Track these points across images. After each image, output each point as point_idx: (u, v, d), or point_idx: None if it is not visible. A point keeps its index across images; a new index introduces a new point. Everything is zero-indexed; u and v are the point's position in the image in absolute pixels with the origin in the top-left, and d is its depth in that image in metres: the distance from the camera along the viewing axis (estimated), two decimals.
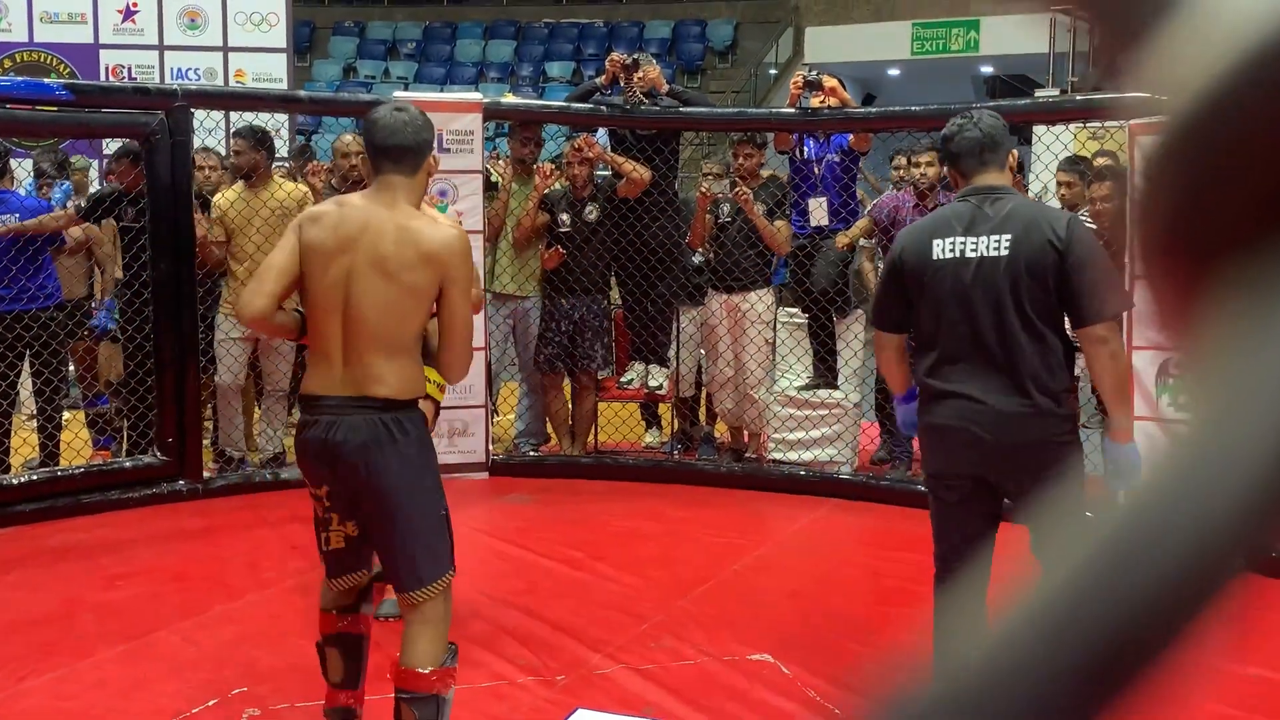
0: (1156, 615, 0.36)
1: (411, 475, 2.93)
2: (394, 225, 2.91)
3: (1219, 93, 0.38)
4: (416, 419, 2.99)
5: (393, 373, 2.90)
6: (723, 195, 6.49)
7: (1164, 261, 0.41)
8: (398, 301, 2.89)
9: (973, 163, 3.33)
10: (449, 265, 2.90)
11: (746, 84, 18.68)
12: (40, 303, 6.15)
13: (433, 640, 2.96)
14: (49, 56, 10.15)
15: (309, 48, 19.84)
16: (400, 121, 2.97)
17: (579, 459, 6.73)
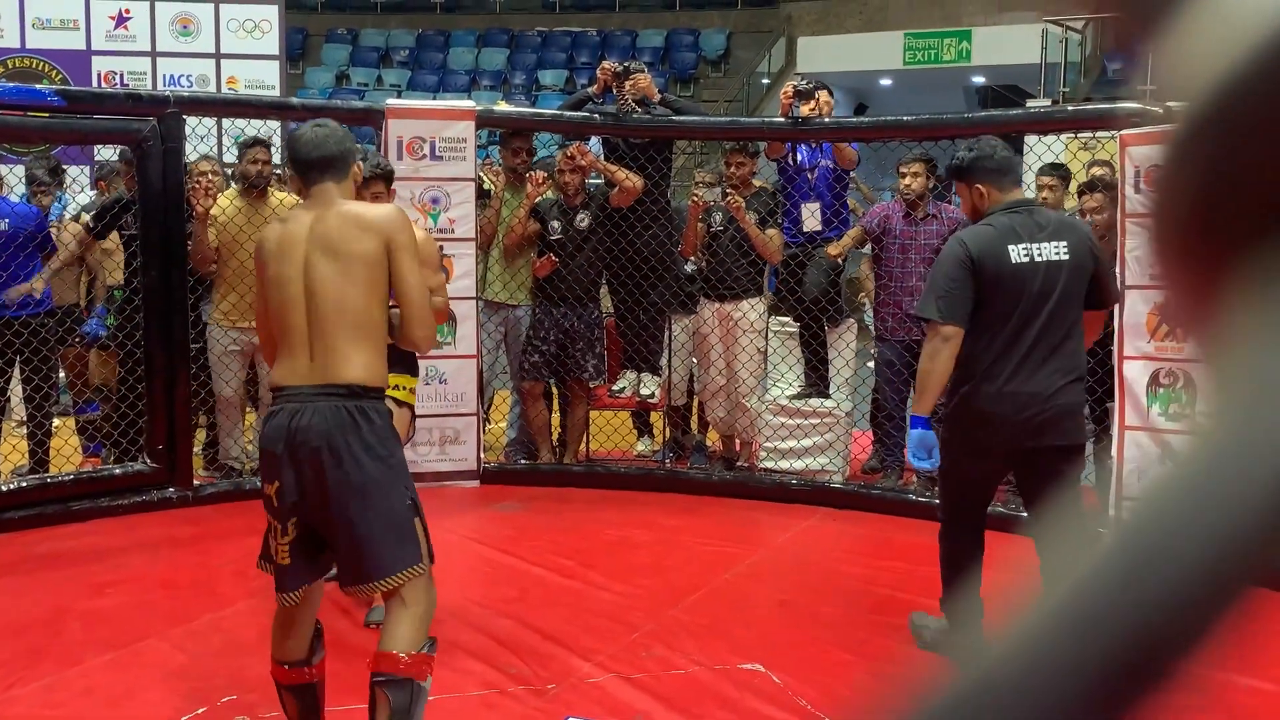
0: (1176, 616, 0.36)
1: (376, 463, 2.92)
2: (334, 213, 3.06)
3: (1237, 83, 0.38)
4: (382, 409, 3.01)
5: (359, 360, 2.96)
6: (715, 204, 6.50)
7: (1183, 255, 0.41)
8: (349, 276, 2.98)
9: (1009, 180, 3.89)
10: (389, 231, 3.01)
11: (739, 93, 18.72)
12: (31, 309, 6.13)
13: (410, 625, 2.94)
14: (41, 63, 10.13)
15: (302, 55, 19.85)
16: (322, 135, 3.14)
17: (570, 467, 6.72)
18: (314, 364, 2.97)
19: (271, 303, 3.07)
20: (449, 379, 6.47)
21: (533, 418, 6.79)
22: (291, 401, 2.96)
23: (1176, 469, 0.38)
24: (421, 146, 6.39)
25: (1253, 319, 0.38)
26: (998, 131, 7.53)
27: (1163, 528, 0.37)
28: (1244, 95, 0.38)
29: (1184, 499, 0.37)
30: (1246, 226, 0.39)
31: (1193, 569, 0.36)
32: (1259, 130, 0.38)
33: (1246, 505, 0.35)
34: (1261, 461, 0.36)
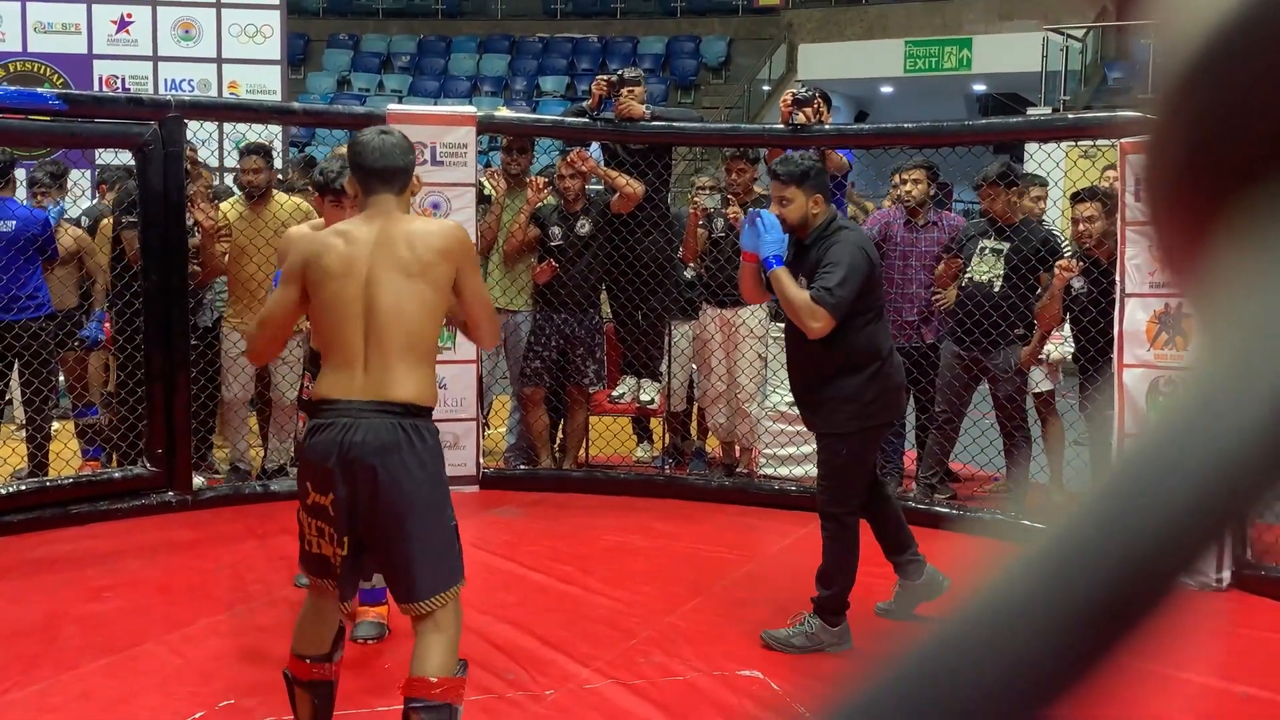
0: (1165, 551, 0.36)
1: (427, 482, 2.95)
2: (402, 233, 3.03)
3: (1228, 29, 0.38)
4: (433, 428, 3.03)
5: (413, 378, 2.97)
6: (715, 210, 6.50)
7: (1173, 201, 0.41)
8: (420, 300, 2.98)
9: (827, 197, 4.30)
10: (459, 254, 3.04)
11: (740, 99, 18.73)
12: (30, 313, 6.13)
13: (444, 649, 2.95)
14: (43, 66, 10.14)
15: (303, 60, 19.87)
16: (389, 144, 3.10)
17: (570, 473, 6.71)
18: (368, 379, 2.96)
19: (326, 317, 3.04)
20: (449, 384, 6.46)
21: (532, 423, 6.79)
22: (343, 416, 2.94)
23: (1168, 410, 0.38)
24: (422, 152, 6.38)
25: (1242, 262, 0.38)
26: (999, 139, 7.57)
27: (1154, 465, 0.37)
28: (1234, 41, 0.38)
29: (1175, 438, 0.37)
30: (1237, 172, 0.39)
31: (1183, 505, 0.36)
32: (1250, 76, 0.38)
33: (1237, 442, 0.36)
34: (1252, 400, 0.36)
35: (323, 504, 2.97)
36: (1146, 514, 0.36)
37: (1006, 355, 5.94)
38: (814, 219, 4.15)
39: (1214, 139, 0.39)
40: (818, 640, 4.19)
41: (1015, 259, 5.90)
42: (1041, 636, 0.36)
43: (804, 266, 4.14)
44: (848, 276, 3.99)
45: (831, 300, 3.96)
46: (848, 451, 4.16)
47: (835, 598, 4.23)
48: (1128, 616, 0.36)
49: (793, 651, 4.20)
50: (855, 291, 4.01)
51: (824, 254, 4.08)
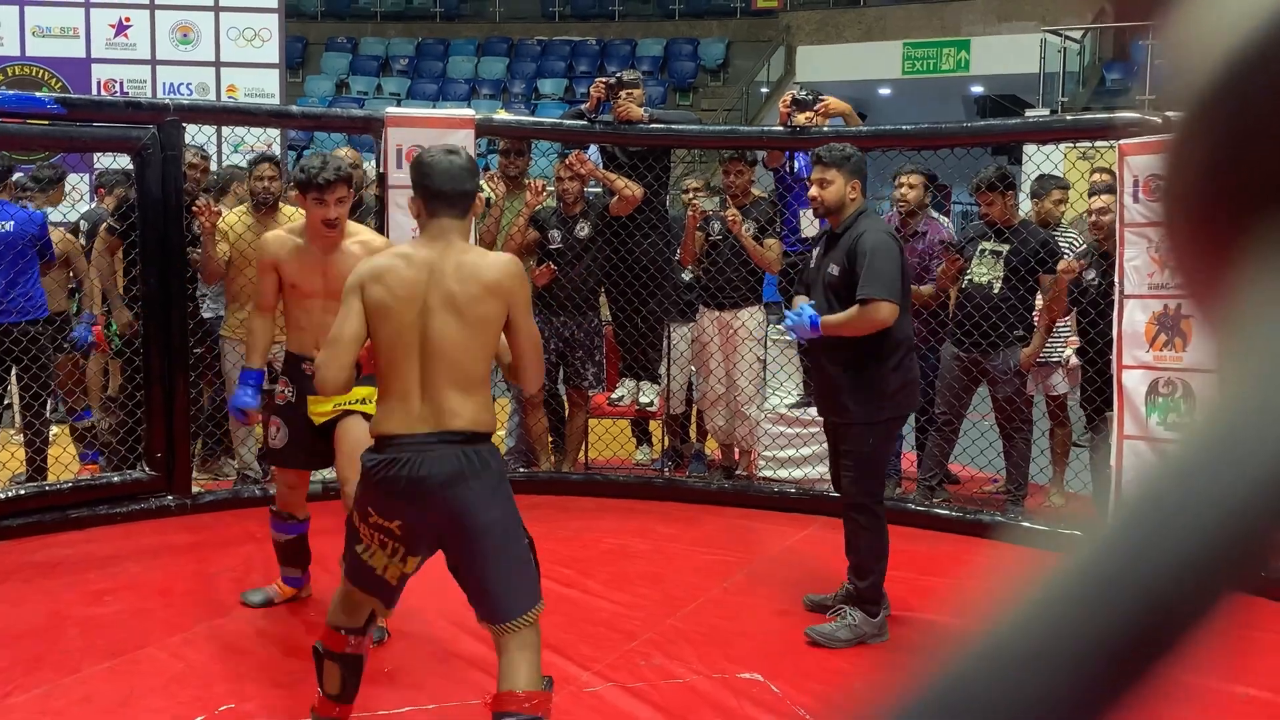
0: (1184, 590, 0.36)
1: (498, 507, 3.00)
2: (454, 264, 3.02)
3: (1245, 59, 0.38)
4: (495, 452, 3.06)
5: (470, 406, 2.99)
6: (713, 213, 6.50)
7: (1190, 231, 0.41)
8: (471, 334, 3.00)
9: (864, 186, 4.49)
10: (512, 291, 3.03)
11: (738, 102, 18.74)
12: (27, 316, 6.13)
13: (530, 665, 3.00)
14: (41, 70, 10.14)
15: (301, 63, 19.87)
16: (457, 166, 3.08)
17: (569, 476, 6.72)
18: (425, 410, 2.99)
19: (383, 344, 3.05)
20: None
21: (531, 426, 6.79)
22: (406, 451, 2.97)
23: (1185, 443, 0.38)
24: None
25: (1261, 293, 0.38)
26: (997, 141, 7.59)
27: (1173, 501, 0.37)
28: (1252, 72, 0.38)
29: (1193, 473, 0.37)
30: (1253, 201, 0.38)
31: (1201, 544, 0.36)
32: (1267, 107, 0.38)
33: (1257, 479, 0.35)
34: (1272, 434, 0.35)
35: (389, 526, 3.01)
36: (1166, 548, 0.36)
37: (1006, 357, 5.94)
38: (850, 204, 4.34)
39: (1234, 162, 0.39)
40: (861, 632, 4.29)
41: (1014, 261, 5.90)
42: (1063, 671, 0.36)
43: (835, 255, 4.32)
44: (887, 263, 4.19)
45: (883, 286, 4.16)
46: (874, 441, 4.30)
47: (874, 587, 4.34)
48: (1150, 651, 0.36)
49: (839, 645, 4.28)
50: (898, 270, 4.23)
51: (855, 245, 4.23)
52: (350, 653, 3.24)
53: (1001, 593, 0.39)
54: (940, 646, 0.39)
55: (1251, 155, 0.38)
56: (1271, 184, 0.38)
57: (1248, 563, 0.36)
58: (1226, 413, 0.37)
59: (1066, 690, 0.36)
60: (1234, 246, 0.39)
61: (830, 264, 4.34)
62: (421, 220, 3.16)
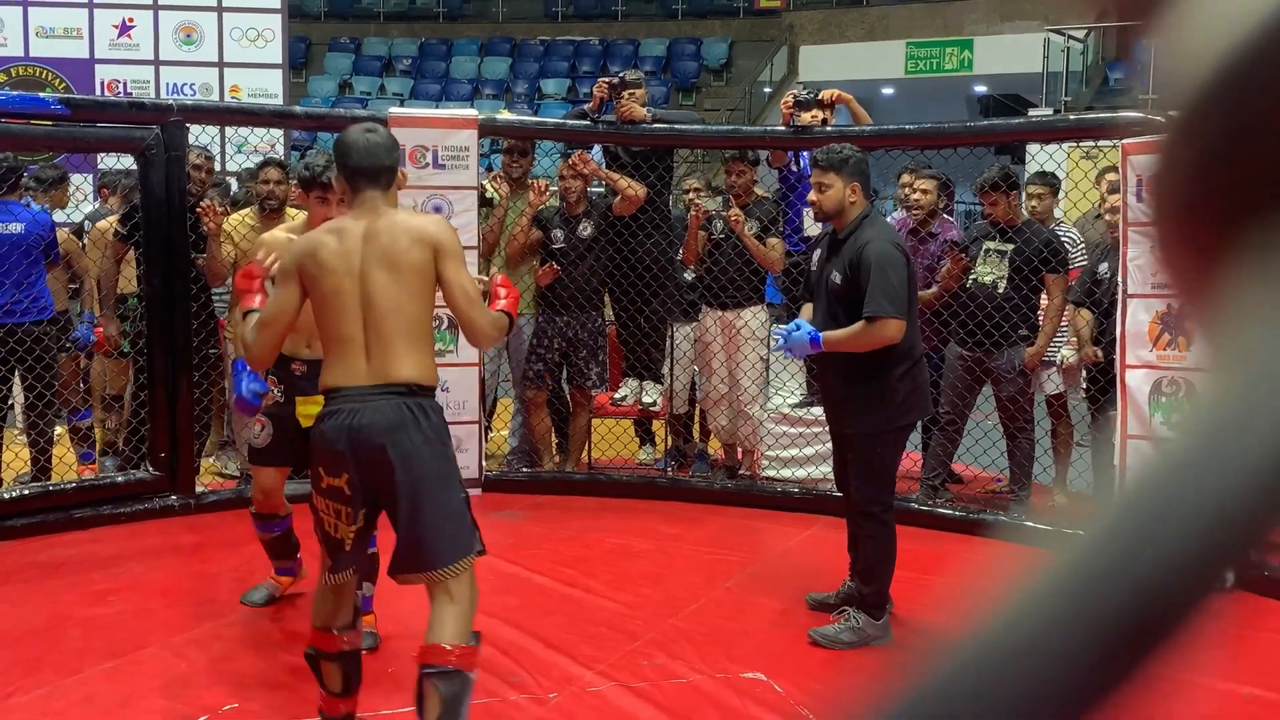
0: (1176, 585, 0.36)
1: (434, 458, 3.08)
2: (384, 223, 3.19)
3: (1237, 63, 0.38)
4: (437, 406, 3.16)
5: (411, 360, 3.11)
6: (716, 213, 6.50)
7: (1182, 233, 0.41)
8: (405, 285, 3.13)
9: (866, 189, 4.38)
10: (436, 239, 3.17)
11: (741, 101, 18.73)
12: (33, 316, 6.14)
13: (458, 618, 3.05)
14: (45, 71, 10.15)
15: (305, 63, 19.88)
16: (375, 143, 3.24)
17: (572, 475, 6.72)
18: (370, 366, 3.11)
19: (325, 312, 3.18)
20: (451, 387, 6.46)
21: (535, 426, 6.79)
22: (350, 401, 3.08)
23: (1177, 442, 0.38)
24: (424, 155, 6.40)
25: (1251, 294, 0.38)
26: (1000, 141, 7.58)
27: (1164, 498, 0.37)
28: (1244, 75, 0.38)
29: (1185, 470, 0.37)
30: (1244, 204, 0.39)
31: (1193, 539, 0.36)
32: (1259, 109, 0.38)
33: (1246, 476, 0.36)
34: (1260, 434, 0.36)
35: (337, 485, 3.08)
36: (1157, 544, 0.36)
37: (1010, 356, 5.94)
38: (850, 208, 4.27)
39: (1225, 163, 0.39)
40: (864, 635, 4.28)
41: (1018, 261, 5.90)
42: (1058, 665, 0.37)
43: (839, 260, 4.25)
44: (893, 276, 4.13)
45: (890, 303, 4.10)
46: (882, 450, 4.28)
47: (879, 593, 4.33)
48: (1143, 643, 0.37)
49: (842, 648, 4.27)
50: (905, 283, 4.16)
51: (860, 255, 4.17)
52: (346, 649, 3.27)
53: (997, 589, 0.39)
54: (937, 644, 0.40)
55: (1243, 157, 0.38)
56: (1263, 186, 0.38)
57: (1237, 556, 0.37)
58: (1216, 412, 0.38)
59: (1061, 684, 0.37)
60: (1223, 248, 0.39)
61: (834, 270, 4.28)
62: (347, 198, 3.29)
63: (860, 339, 4.15)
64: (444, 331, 6.45)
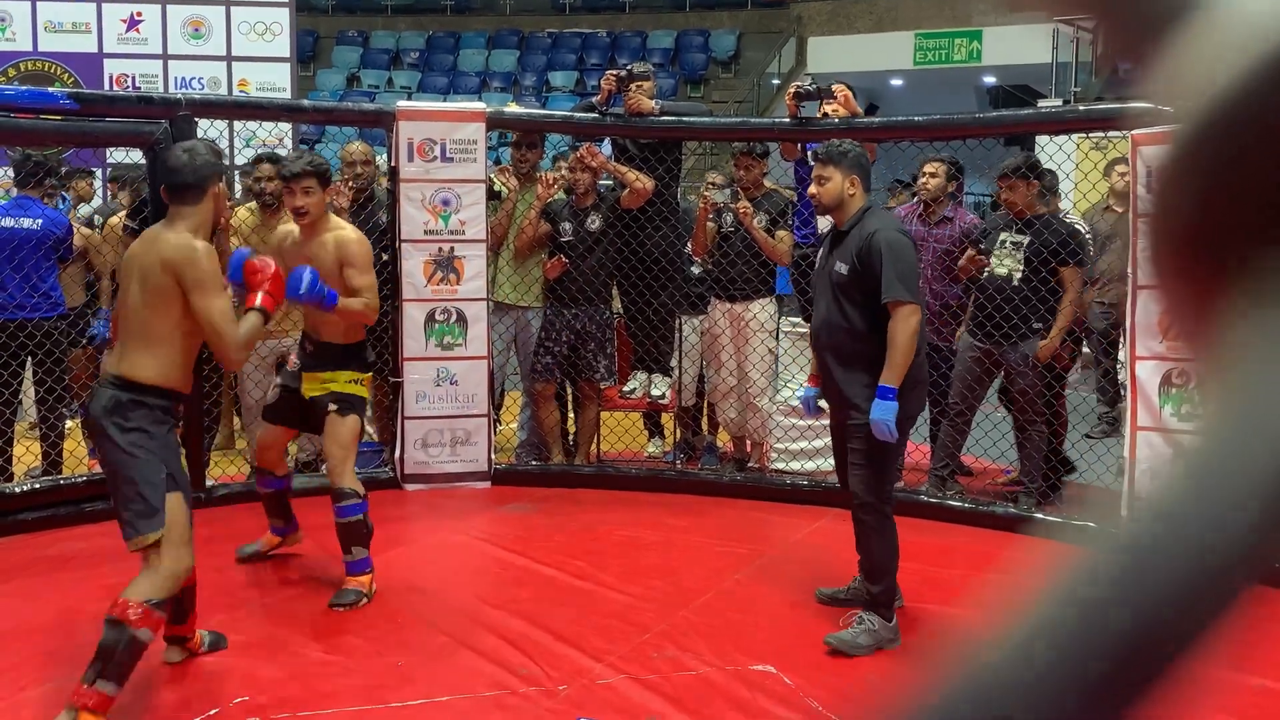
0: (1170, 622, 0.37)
1: (127, 445, 3.53)
2: (154, 239, 3.68)
3: (1240, 94, 0.38)
4: (146, 399, 3.57)
5: (138, 359, 3.59)
6: (725, 205, 6.49)
7: (1180, 264, 0.41)
8: (145, 300, 3.61)
9: (867, 185, 4.37)
10: (179, 268, 3.56)
11: (749, 93, 18.70)
12: (44, 312, 6.16)
13: (144, 580, 3.51)
14: (53, 65, 10.17)
15: (312, 57, 19.88)
16: (180, 163, 3.70)
17: (581, 468, 6.72)
18: (113, 358, 3.70)
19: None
20: (460, 380, 6.47)
21: (544, 419, 6.80)
22: (99, 384, 3.67)
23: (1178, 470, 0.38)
24: (432, 148, 6.40)
25: (1248, 326, 0.39)
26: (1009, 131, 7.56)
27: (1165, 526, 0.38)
28: (1245, 108, 0.38)
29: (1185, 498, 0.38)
30: (1243, 237, 0.39)
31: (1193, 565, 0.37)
32: (1258, 143, 0.38)
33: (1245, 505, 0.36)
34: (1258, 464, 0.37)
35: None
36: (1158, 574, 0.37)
37: (1024, 349, 5.92)
38: (850, 200, 4.27)
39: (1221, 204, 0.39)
40: (879, 637, 4.22)
41: (1034, 253, 5.87)
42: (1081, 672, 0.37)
43: (843, 252, 4.24)
44: (906, 261, 4.13)
45: (906, 288, 4.10)
46: (883, 440, 4.20)
47: (888, 591, 4.30)
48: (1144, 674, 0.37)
49: (860, 652, 4.18)
50: (915, 269, 4.18)
51: (869, 243, 4.15)
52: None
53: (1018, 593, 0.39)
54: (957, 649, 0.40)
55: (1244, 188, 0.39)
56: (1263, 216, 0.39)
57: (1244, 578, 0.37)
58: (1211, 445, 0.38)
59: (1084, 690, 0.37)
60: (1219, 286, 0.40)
61: (838, 263, 4.26)
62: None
63: (898, 347, 4.11)
64: (452, 325, 6.46)
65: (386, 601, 4.65)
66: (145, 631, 3.46)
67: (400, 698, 3.76)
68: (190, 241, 3.61)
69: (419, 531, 5.74)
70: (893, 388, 4.10)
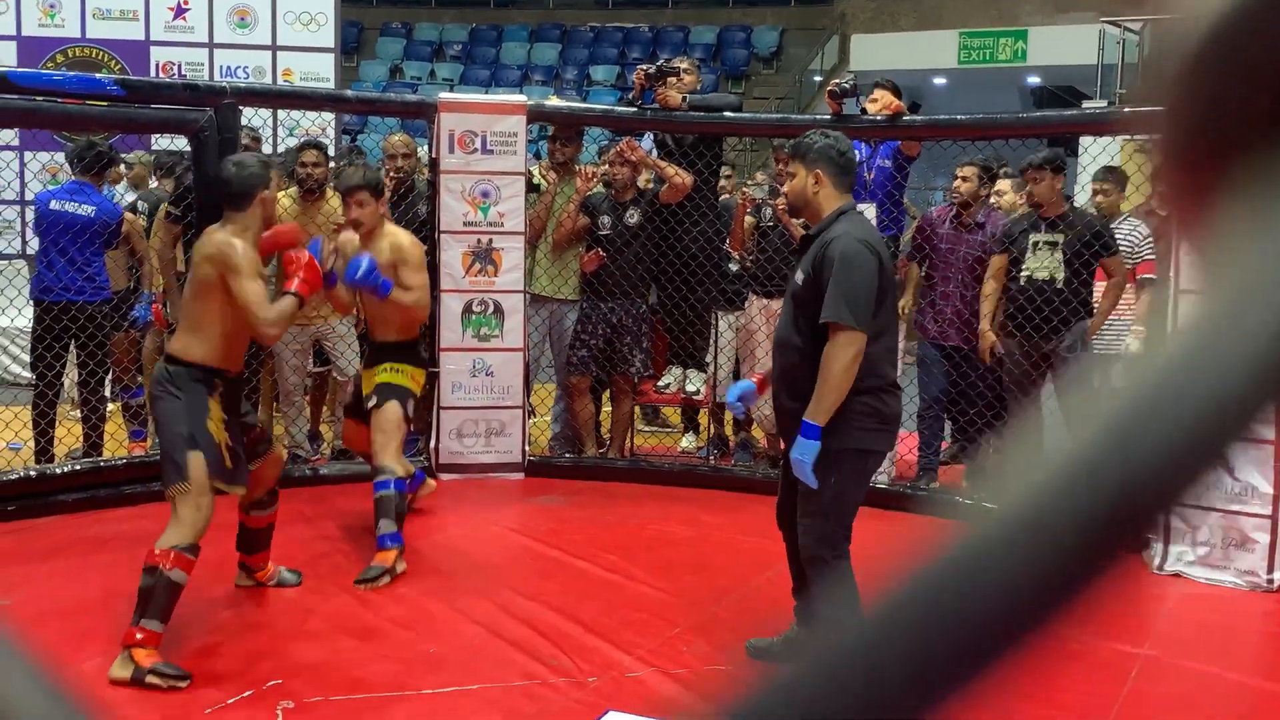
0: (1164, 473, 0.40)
1: (167, 406, 3.99)
2: (206, 239, 4.12)
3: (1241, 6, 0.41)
4: (187, 373, 4.00)
5: (185, 339, 4.07)
6: (764, 201, 6.48)
7: (1183, 159, 0.44)
8: (194, 290, 4.10)
9: (845, 182, 3.77)
10: (217, 260, 4.01)
11: (791, 90, 18.64)
12: (90, 295, 6.24)
13: (170, 530, 3.91)
14: (101, 52, 10.27)
15: (356, 48, 19.99)
16: (230, 173, 4.14)
17: (614, 462, 6.73)
18: (173, 339, 4.22)
19: None
20: (495, 371, 6.50)
21: (578, 412, 6.81)
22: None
23: (1169, 347, 0.42)
24: (473, 140, 6.43)
25: (1244, 213, 0.42)
26: (1053, 132, 7.50)
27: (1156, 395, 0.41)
28: (1244, 13, 0.41)
29: (1176, 371, 0.41)
30: (1244, 133, 0.42)
31: (1182, 431, 0.40)
32: (1258, 46, 0.41)
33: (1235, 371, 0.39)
34: (1247, 338, 0.40)
35: None
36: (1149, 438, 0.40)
37: (1074, 331, 5.82)
38: (815, 199, 3.69)
39: (1224, 103, 0.42)
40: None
41: (1070, 252, 5.79)
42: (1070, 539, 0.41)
43: (805, 260, 3.70)
44: (857, 277, 3.54)
45: (850, 309, 3.50)
46: (836, 478, 3.62)
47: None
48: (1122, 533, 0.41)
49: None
50: (872, 290, 3.56)
51: (824, 252, 3.59)
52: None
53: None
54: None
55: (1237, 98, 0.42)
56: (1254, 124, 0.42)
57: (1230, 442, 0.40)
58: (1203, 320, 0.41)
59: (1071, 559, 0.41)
60: (1219, 179, 0.43)
61: (799, 271, 3.71)
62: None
63: (826, 379, 3.52)
64: (489, 316, 6.48)
65: (419, 589, 4.68)
66: (177, 572, 3.86)
67: (431, 685, 3.78)
68: (229, 239, 4.04)
69: (452, 521, 5.77)
70: (815, 425, 3.52)
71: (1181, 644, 4.36)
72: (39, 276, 6.34)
